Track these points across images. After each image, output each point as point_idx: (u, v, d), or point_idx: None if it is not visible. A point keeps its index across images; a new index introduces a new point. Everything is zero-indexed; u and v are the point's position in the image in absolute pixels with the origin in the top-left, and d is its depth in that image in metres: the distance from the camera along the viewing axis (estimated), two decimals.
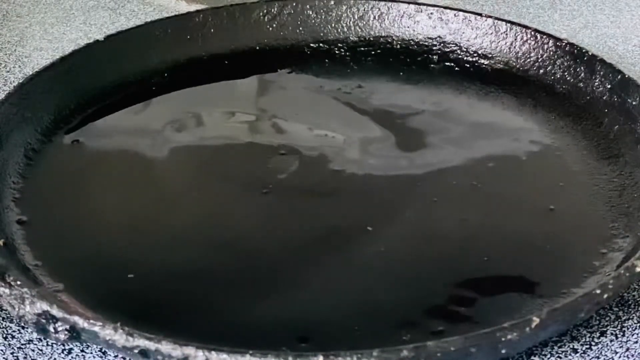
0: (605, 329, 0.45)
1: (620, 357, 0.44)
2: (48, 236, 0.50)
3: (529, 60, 0.64)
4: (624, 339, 0.45)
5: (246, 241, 0.50)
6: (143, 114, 0.61)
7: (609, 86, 0.59)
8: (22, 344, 0.44)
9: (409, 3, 0.69)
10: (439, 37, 0.68)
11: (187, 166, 0.56)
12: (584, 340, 0.45)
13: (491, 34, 0.66)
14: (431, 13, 0.68)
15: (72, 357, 0.44)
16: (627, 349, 0.44)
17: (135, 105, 0.62)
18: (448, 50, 0.67)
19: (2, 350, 0.44)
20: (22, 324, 0.45)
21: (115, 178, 0.54)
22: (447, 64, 0.66)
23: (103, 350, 0.44)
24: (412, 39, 0.68)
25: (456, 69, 0.66)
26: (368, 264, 0.48)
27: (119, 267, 0.47)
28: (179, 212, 0.52)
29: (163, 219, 0.51)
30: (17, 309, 0.41)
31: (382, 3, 0.69)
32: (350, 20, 0.69)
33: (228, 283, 0.47)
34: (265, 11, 0.69)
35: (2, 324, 0.45)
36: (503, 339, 0.39)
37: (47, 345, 0.44)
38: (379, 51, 0.68)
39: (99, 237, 0.50)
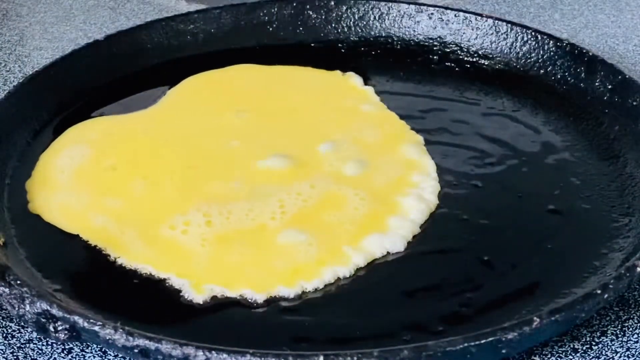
0: (605, 329, 0.45)
1: (620, 356, 0.44)
2: (47, 236, 0.50)
3: (529, 60, 0.64)
4: (625, 339, 0.45)
5: None
6: (143, 112, 0.61)
7: (609, 86, 0.59)
8: (22, 344, 0.44)
9: (409, 3, 0.69)
10: (440, 37, 0.68)
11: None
12: (584, 340, 0.45)
13: (492, 34, 0.66)
14: (431, 13, 0.68)
15: (72, 357, 0.44)
16: (628, 349, 0.44)
17: (135, 104, 0.62)
18: (448, 50, 0.67)
19: (2, 349, 0.44)
20: (22, 324, 0.45)
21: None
22: (447, 64, 0.66)
23: (103, 350, 0.44)
24: (412, 39, 0.68)
25: (456, 69, 0.66)
26: (367, 263, 0.48)
27: (119, 267, 0.47)
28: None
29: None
30: (17, 309, 0.41)
31: (383, 3, 0.69)
32: (350, 20, 0.69)
33: None
34: (265, 11, 0.69)
35: (2, 323, 0.45)
36: (503, 339, 0.39)
37: (47, 345, 0.44)
38: (379, 51, 0.68)
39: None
